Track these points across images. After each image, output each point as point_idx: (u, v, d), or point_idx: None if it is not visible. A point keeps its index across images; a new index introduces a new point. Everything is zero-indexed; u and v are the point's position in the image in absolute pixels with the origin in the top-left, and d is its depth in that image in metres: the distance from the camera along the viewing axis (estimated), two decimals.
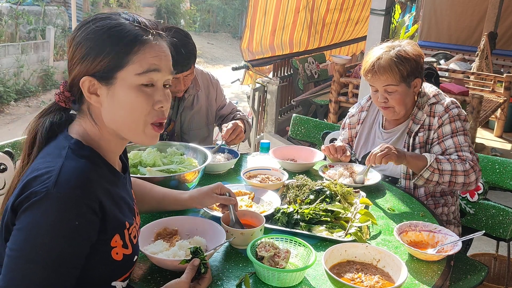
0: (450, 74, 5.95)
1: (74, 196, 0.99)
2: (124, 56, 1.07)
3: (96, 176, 1.06)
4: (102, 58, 1.06)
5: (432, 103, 2.11)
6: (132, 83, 1.08)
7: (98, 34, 1.07)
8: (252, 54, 5.50)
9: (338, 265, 1.40)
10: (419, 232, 1.62)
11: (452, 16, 8.65)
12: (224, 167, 2.11)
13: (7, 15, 8.36)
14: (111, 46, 1.06)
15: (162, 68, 1.12)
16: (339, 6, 6.63)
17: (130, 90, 1.09)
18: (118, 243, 1.11)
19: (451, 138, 2.04)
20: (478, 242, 3.43)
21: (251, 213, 1.60)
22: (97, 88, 1.09)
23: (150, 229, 1.48)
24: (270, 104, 5.16)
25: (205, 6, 16.37)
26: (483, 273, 2.15)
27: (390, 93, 2.05)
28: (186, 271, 1.20)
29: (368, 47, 3.81)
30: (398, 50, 2.02)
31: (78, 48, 1.08)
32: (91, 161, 1.08)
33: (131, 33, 1.08)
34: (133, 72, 1.08)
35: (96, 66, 1.07)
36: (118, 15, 1.12)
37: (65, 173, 1.00)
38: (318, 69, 6.36)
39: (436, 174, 1.96)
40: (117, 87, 1.08)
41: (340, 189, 1.80)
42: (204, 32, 16.32)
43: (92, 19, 1.10)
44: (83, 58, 1.07)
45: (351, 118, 2.39)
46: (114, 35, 1.07)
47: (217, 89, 2.56)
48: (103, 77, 1.08)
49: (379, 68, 2.01)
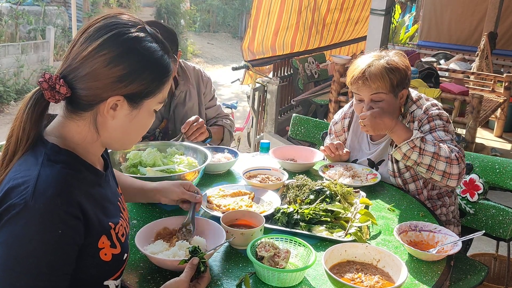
0: (450, 74, 5.95)
1: (53, 206, 0.97)
2: (159, 86, 1.12)
3: (75, 180, 1.04)
4: (141, 84, 1.07)
5: (413, 110, 2.07)
6: (151, 108, 1.14)
7: (141, 57, 1.06)
8: (252, 54, 5.50)
9: (338, 265, 1.40)
10: (419, 232, 1.62)
11: (452, 16, 8.66)
12: (224, 167, 2.11)
13: (7, 15, 8.36)
14: (152, 75, 1.08)
15: None
16: (339, 6, 6.64)
17: (149, 114, 1.15)
18: (105, 244, 1.09)
19: (430, 133, 1.97)
20: (478, 242, 3.43)
21: (251, 213, 1.60)
22: (120, 106, 1.08)
23: (150, 229, 1.48)
24: (270, 104, 5.15)
25: (205, 6, 16.37)
26: (483, 273, 2.15)
27: (377, 102, 2.00)
28: (185, 270, 1.20)
29: (368, 47, 3.82)
30: (387, 60, 1.99)
31: (114, 63, 1.04)
32: (69, 166, 1.05)
33: (166, 63, 1.12)
34: (157, 100, 1.14)
35: (131, 89, 1.07)
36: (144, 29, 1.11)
37: (42, 183, 0.98)
38: (318, 69, 6.36)
39: (415, 152, 1.85)
40: (141, 111, 1.12)
41: (340, 189, 1.80)
42: (204, 32, 16.32)
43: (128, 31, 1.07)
44: (121, 79, 1.05)
45: (335, 125, 2.37)
46: (156, 63, 1.09)
47: (207, 85, 2.53)
48: (134, 100, 1.09)
49: (370, 75, 1.95)
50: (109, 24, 1.06)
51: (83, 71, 1.04)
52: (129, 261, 1.40)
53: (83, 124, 1.09)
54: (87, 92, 1.05)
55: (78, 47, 1.05)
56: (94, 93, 1.05)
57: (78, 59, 1.04)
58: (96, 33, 1.05)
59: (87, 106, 1.07)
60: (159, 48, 1.11)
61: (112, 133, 1.12)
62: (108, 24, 1.07)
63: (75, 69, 1.04)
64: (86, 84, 1.04)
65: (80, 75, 1.04)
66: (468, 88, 5.10)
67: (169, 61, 1.13)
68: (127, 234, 1.23)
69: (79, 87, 1.05)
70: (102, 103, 1.06)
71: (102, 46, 1.03)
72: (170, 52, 1.15)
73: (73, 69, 1.05)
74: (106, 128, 1.11)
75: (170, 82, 1.16)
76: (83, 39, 1.05)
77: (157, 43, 1.11)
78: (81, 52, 1.04)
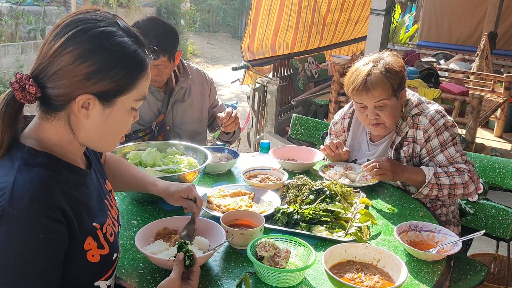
0: (450, 74, 5.95)
1: (32, 211, 0.94)
2: (132, 83, 1.06)
3: (54, 182, 1.01)
4: (110, 81, 1.02)
5: (415, 114, 2.05)
6: (128, 106, 1.09)
7: (109, 53, 1.01)
8: (252, 54, 5.50)
9: (338, 265, 1.40)
10: (419, 232, 1.62)
11: (452, 16, 8.65)
12: (224, 167, 2.11)
13: (7, 15, 8.35)
14: (122, 71, 1.03)
15: None
16: (339, 6, 6.63)
17: (125, 112, 1.09)
18: (92, 245, 1.07)
19: (441, 152, 2.00)
20: (478, 242, 3.43)
21: (251, 213, 1.60)
22: (93, 105, 1.04)
23: (150, 229, 1.48)
24: (270, 104, 5.15)
25: (205, 6, 16.36)
26: (483, 273, 2.15)
27: (382, 109, 1.98)
28: (173, 268, 1.17)
29: (368, 47, 3.82)
30: (384, 64, 1.97)
31: (80, 60, 1.00)
32: (47, 168, 1.02)
33: (140, 58, 1.06)
34: (133, 98, 1.08)
35: (100, 87, 1.02)
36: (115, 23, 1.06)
37: (18, 188, 0.94)
38: (318, 69, 6.35)
39: (435, 189, 1.95)
40: (114, 110, 1.06)
41: (340, 189, 1.80)
42: (204, 32, 16.31)
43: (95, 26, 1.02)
44: (88, 76, 1.00)
45: (335, 125, 2.36)
46: (126, 59, 1.04)
47: (211, 86, 2.57)
48: (105, 98, 1.04)
49: (371, 84, 1.93)
50: (76, 20, 1.02)
51: (51, 70, 1.00)
52: (129, 261, 1.40)
53: (58, 125, 1.06)
54: (57, 92, 1.01)
55: (47, 44, 1.02)
56: (63, 92, 1.01)
57: (46, 57, 1.01)
58: (63, 29, 1.01)
59: (59, 106, 1.03)
60: (132, 42, 1.06)
61: (87, 134, 1.08)
62: (75, 20, 1.02)
63: (44, 68, 1.01)
64: (54, 83, 1.00)
65: (49, 74, 1.00)
66: (468, 88, 5.10)
67: (143, 56, 1.08)
68: (116, 233, 1.20)
69: (48, 86, 1.01)
70: (73, 102, 1.02)
71: (68, 42, 0.99)
72: (145, 46, 1.10)
73: (43, 68, 1.01)
74: (81, 128, 1.06)
75: (147, 77, 1.10)
76: (51, 37, 1.02)
77: (130, 37, 1.06)
78: (49, 50, 1.00)
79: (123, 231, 1.56)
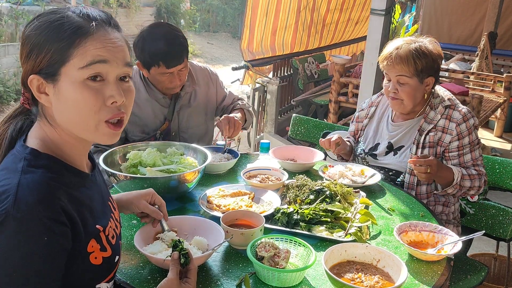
0: (450, 74, 5.95)
1: (36, 214, 0.94)
2: (66, 50, 1.01)
3: (58, 185, 1.00)
4: (44, 54, 1.01)
5: (447, 105, 2.12)
6: (76, 78, 1.01)
7: (40, 29, 1.02)
8: (252, 54, 5.50)
9: (338, 265, 1.40)
10: (419, 232, 1.62)
11: (452, 16, 8.65)
12: (224, 167, 2.11)
13: (7, 15, 8.35)
14: (52, 41, 1.01)
15: (111, 59, 1.03)
16: (339, 6, 6.63)
17: (75, 86, 1.01)
18: (95, 247, 1.07)
19: (470, 152, 2.09)
20: (478, 242, 3.43)
21: (251, 213, 1.60)
22: (45, 86, 1.03)
23: (150, 229, 1.47)
24: (270, 104, 5.15)
25: (205, 6, 16.36)
26: (483, 273, 2.15)
27: (402, 85, 2.08)
28: (170, 268, 1.17)
29: (368, 47, 3.81)
30: (419, 45, 2.07)
31: (24, 46, 1.04)
32: (50, 170, 1.02)
33: (72, 25, 1.02)
34: (76, 67, 1.01)
35: (39, 63, 1.02)
36: (66, 9, 1.06)
37: (22, 191, 0.95)
38: (318, 69, 6.35)
39: (457, 189, 2.06)
40: (61, 84, 1.02)
41: (340, 189, 1.80)
42: (204, 32, 16.31)
43: (38, 15, 1.06)
44: (28, 56, 1.03)
45: (360, 112, 2.43)
46: (55, 29, 1.02)
47: (216, 83, 2.55)
48: (47, 73, 1.02)
49: (396, 57, 2.05)
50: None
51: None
52: (129, 261, 1.40)
53: (43, 122, 1.08)
54: (24, 84, 1.06)
55: None
56: (24, 82, 1.05)
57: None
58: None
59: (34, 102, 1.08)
60: (60, 14, 1.04)
61: (61, 121, 1.05)
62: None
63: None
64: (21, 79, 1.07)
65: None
66: (468, 88, 5.10)
67: (80, 23, 1.03)
68: (118, 236, 1.20)
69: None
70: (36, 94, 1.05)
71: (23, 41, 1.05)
72: (90, 17, 1.05)
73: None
74: (53, 117, 1.06)
75: (90, 44, 1.02)
76: None
77: (74, 13, 1.04)
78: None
79: (123, 231, 1.56)
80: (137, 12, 11.44)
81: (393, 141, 2.22)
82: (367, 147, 2.32)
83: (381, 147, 2.26)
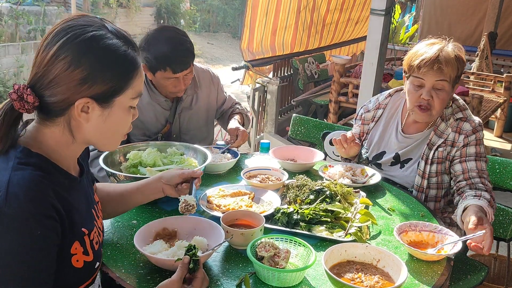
0: None
1: (28, 209, 0.96)
2: (125, 83, 1.09)
3: (47, 182, 1.02)
4: (104, 83, 1.05)
5: (459, 118, 2.02)
6: (125, 105, 1.12)
7: (100, 56, 1.05)
8: (252, 54, 5.50)
9: (338, 265, 1.40)
10: (419, 232, 1.62)
11: (452, 16, 8.65)
12: (224, 167, 2.11)
13: (7, 15, 8.35)
14: (114, 73, 1.07)
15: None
16: (339, 6, 6.63)
17: (124, 111, 1.13)
18: (78, 250, 1.08)
19: (474, 161, 1.98)
20: None
21: (251, 213, 1.60)
22: (92, 108, 1.07)
23: (149, 229, 1.47)
24: (270, 104, 5.15)
25: (205, 6, 16.37)
26: (483, 273, 2.15)
27: (438, 91, 1.94)
28: (177, 270, 1.19)
29: (368, 47, 3.81)
30: (453, 48, 1.95)
31: (77, 66, 1.03)
32: (40, 168, 1.04)
33: (131, 57, 1.10)
34: (129, 97, 1.12)
35: (96, 90, 1.05)
36: (104, 27, 1.09)
37: (13, 187, 0.96)
38: (318, 69, 6.35)
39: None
40: (113, 110, 1.10)
41: (340, 189, 1.80)
42: (204, 32, 16.31)
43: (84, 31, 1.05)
44: (83, 80, 1.03)
45: (366, 113, 2.28)
46: (117, 61, 1.07)
47: (218, 87, 2.55)
48: (102, 100, 1.07)
49: (445, 59, 1.90)
50: (65, 28, 1.05)
51: (47, 78, 1.03)
52: (129, 261, 1.40)
53: (57, 130, 1.09)
54: (55, 99, 1.04)
55: (40, 54, 1.05)
56: (60, 98, 1.04)
57: (41, 66, 1.04)
58: (53, 38, 1.05)
59: (58, 112, 1.07)
60: (121, 43, 1.08)
61: (87, 135, 1.11)
62: (64, 28, 1.06)
63: (41, 77, 1.04)
64: (52, 91, 1.04)
65: (45, 82, 1.04)
66: (468, 88, 5.10)
67: (135, 55, 1.11)
68: (100, 243, 1.22)
69: (46, 94, 1.04)
70: (72, 108, 1.05)
71: (60, 50, 1.03)
72: (134, 45, 1.12)
73: (39, 77, 1.04)
74: (81, 131, 1.10)
75: (140, 75, 1.13)
76: (43, 46, 1.05)
77: (119, 39, 1.09)
78: (43, 59, 1.04)
79: (123, 231, 1.56)
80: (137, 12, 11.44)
81: (400, 152, 2.13)
82: (371, 154, 2.22)
83: (386, 157, 2.17)
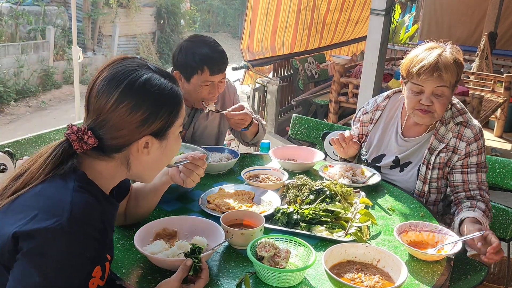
0: None
1: (85, 233, 1.04)
2: (176, 114, 1.20)
3: (101, 209, 1.11)
4: (159, 119, 1.16)
5: (459, 122, 2.00)
6: (176, 133, 1.24)
7: (155, 98, 1.14)
8: (252, 54, 5.50)
9: (338, 265, 1.40)
10: (419, 232, 1.62)
11: (452, 16, 8.66)
12: (224, 167, 2.11)
13: (7, 15, 8.35)
14: (168, 109, 1.17)
15: None
16: (339, 6, 6.63)
17: (175, 139, 1.25)
18: (97, 274, 1.11)
19: (475, 173, 1.98)
20: None
21: (251, 213, 1.60)
22: (151, 143, 1.17)
23: (149, 229, 1.47)
24: (270, 104, 5.16)
25: (205, 6, 16.37)
26: (483, 273, 2.15)
27: (438, 96, 1.91)
28: (178, 270, 1.22)
29: (368, 47, 3.81)
30: (451, 52, 1.91)
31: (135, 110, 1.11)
32: (93, 195, 1.12)
33: (176, 92, 1.20)
34: (178, 125, 1.23)
35: (154, 128, 1.16)
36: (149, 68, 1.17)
37: (76, 209, 1.03)
38: (318, 69, 6.36)
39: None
40: (168, 140, 1.22)
41: (340, 189, 1.80)
42: (204, 32, 16.31)
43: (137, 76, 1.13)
44: (143, 122, 1.13)
45: (365, 115, 2.26)
46: (169, 97, 1.17)
47: (234, 97, 2.51)
48: (160, 135, 1.18)
49: (444, 65, 1.86)
50: (117, 74, 1.13)
51: (108, 123, 1.12)
52: (129, 261, 1.40)
53: (113, 164, 1.18)
54: (116, 141, 1.14)
55: (96, 99, 1.12)
56: (122, 140, 1.14)
57: (102, 113, 1.11)
58: (109, 85, 1.12)
59: (117, 150, 1.15)
60: (167, 81, 1.18)
61: (145, 167, 1.22)
62: (116, 74, 1.13)
63: (101, 121, 1.12)
64: (113, 134, 1.13)
65: (106, 126, 1.12)
66: (468, 88, 5.11)
67: (178, 89, 1.21)
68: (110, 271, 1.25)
69: (106, 137, 1.13)
70: (132, 145, 1.15)
71: (121, 98, 1.11)
72: (175, 80, 1.22)
73: (100, 122, 1.12)
74: (140, 164, 1.20)
75: (183, 105, 1.23)
76: (100, 91, 1.12)
77: (164, 77, 1.18)
78: (103, 106, 1.11)
79: (123, 231, 1.56)
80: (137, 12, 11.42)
81: (400, 156, 2.11)
82: (370, 156, 2.21)
83: (386, 160, 2.15)
